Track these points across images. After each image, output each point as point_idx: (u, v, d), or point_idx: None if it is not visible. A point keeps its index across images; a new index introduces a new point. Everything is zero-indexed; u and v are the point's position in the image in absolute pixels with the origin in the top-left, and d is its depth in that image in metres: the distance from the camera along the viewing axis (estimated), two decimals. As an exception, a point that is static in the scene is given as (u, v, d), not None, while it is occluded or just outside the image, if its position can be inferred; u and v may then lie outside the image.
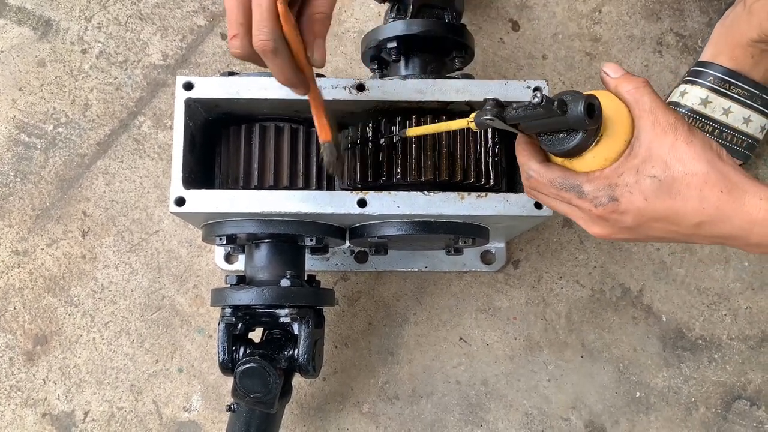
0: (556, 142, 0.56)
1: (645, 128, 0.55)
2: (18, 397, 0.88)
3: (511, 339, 0.91)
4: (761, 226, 0.52)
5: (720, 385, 0.91)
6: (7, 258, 0.91)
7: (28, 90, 0.96)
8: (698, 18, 1.01)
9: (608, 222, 0.56)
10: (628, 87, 0.56)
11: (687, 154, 0.53)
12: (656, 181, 0.53)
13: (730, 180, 0.53)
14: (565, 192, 0.57)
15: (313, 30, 0.57)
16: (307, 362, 0.73)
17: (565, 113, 0.53)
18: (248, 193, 0.68)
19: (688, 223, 0.54)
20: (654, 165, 0.54)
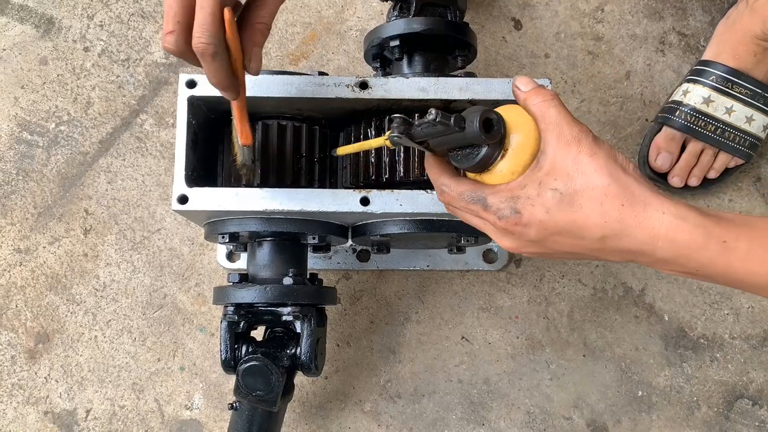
0: (463, 158, 0.57)
1: (550, 141, 0.55)
2: (20, 395, 0.88)
3: (513, 338, 0.91)
4: (664, 241, 0.52)
5: (722, 384, 0.91)
6: (9, 256, 0.91)
7: (30, 88, 0.96)
8: (701, 17, 1.01)
9: (514, 235, 0.56)
10: (535, 100, 0.57)
11: (589, 166, 0.53)
12: (557, 193, 0.53)
13: (632, 193, 0.52)
14: (473, 204, 0.57)
15: (253, 39, 0.57)
16: (310, 361, 0.73)
17: (463, 129, 0.54)
18: (251, 191, 0.68)
19: (591, 237, 0.53)
20: (557, 177, 0.53)
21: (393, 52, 0.78)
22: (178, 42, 0.55)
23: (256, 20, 0.57)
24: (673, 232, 0.51)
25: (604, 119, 0.97)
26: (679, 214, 0.51)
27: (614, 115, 0.97)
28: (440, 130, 0.55)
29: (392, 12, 0.82)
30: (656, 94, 0.98)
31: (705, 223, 0.51)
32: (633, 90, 0.98)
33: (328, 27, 0.99)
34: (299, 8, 0.99)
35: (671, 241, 0.51)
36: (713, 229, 0.51)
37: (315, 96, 0.70)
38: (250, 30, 0.57)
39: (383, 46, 0.79)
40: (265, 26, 0.57)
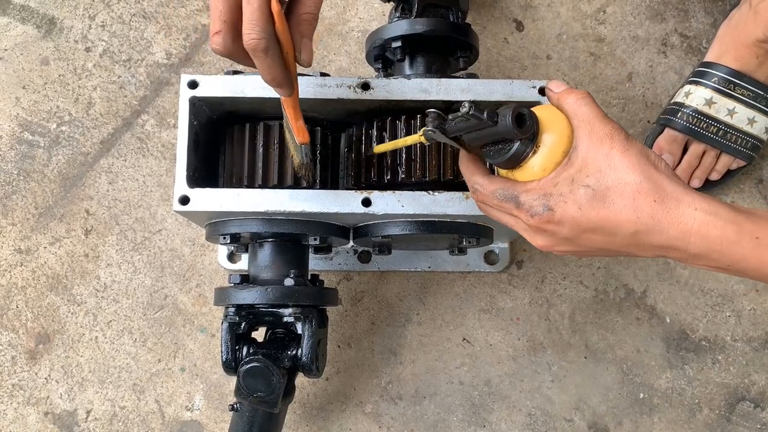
0: (496, 154, 0.58)
1: (582, 138, 0.55)
2: (20, 395, 0.88)
3: (514, 339, 0.91)
4: (697, 236, 0.52)
5: (724, 386, 0.91)
6: (10, 256, 0.91)
7: (32, 88, 0.95)
8: (703, 19, 1.01)
9: (546, 232, 0.56)
10: (569, 99, 0.57)
11: (621, 163, 0.53)
12: (590, 190, 0.53)
13: (664, 189, 0.53)
14: (505, 202, 0.58)
15: (301, 30, 0.57)
16: (311, 362, 0.73)
17: (496, 123, 0.54)
18: (252, 192, 0.68)
19: (624, 233, 0.54)
20: (589, 174, 0.54)
21: (395, 53, 0.78)
22: (226, 41, 0.54)
23: (303, 11, 0.56)
24: (705, 228, 0.51)
25: (605, 121, 0.97)
26: (711, 210, 0.52)
27: (616, 116, 0.97)
28: (473, 125, 0.55)
29: (394, 13, 0.81)
30: (658, 95, 0.98)
31: (737, 219, 0.52)
32: (635, 91, 0.98)
33: (329, 28, 0.98)
34: (301, 9, 0.99)
35: (704, 236, 0.52)
36: (745, 224, 0.52)
37: (317, 97, 0.70)
38: (298, 21, 0.56)
39: (385, 47, 0.79)
40: (312, 16, 0.57)
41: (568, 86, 0.59)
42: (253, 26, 0.53)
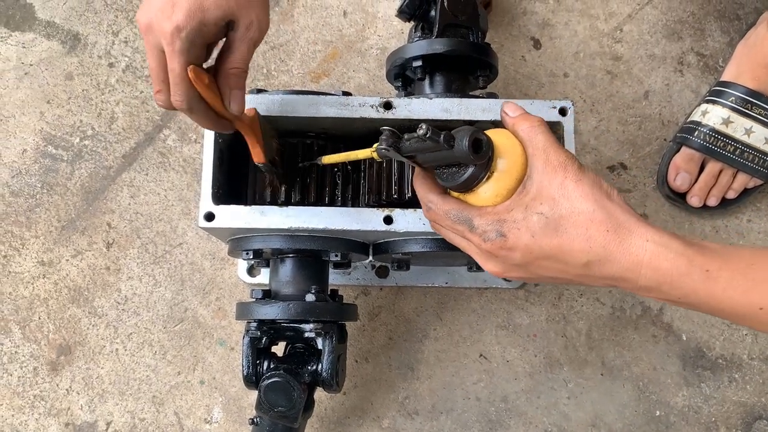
0: (450, 176, 0.58)
1: (537, 166, 0.56)
2: (41, 406, 0.89)
3: (531, 356, 0.91)
4: (648, 268, 0.52)
5: (740, 405, 0.91)
6: (33, 268, 0.92)
7: (56, 103, 0.97)
8: (719, 38, 1.01)
9: (498, 258, 0.57)
10: (523, 126, 0.58)
11: (575, 192, 0.54)
12: (543, 218, 0.54)
13: (616, 219, 0.53)
14: (458, 224, 0.58)
15: (228, 83, 0.60)
16: (331, 377, 0.73)
17: (452, 147, 0.54)
18: (277, 210, 0.69)
19: (576, 263, 0.54)
20: (543, 202, 0.54)
21: (415, 72, 0.79)
22: (165, 99, 0.60)
23: (230, 66, 0.59)
24: (656, 260, 0.52)
25: (622, 138, 0.98)
26: (663, 242, 0.52)
27: (633, 134, 0.98)
28: (429, 146, 0.55)
29: (414, 32, 0.82)
30: (675, 114, 0.99)
31: (688, 252, 0.52)
32: (651, 110, 0.99)
33: (349, 45, 1.00)
34: (321, 26, 1.00)
35: (654, 268, 0.52)
36: (696, 257, 0.52)
37: (339, 116, 0.71)
38: (225, 75, 0.60)
39: (405, 66, 0.80)
40: (239, 70, 0.60)
41: (524, 111, 0.60)
42: (175, 91, 0.58)
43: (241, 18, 0.57)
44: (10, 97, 0.97)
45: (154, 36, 0.56)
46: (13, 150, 0.95)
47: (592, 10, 1.02)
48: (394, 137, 0.58)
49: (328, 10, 1.01)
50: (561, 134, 0.72)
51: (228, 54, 0.59)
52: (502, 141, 0.58)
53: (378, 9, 1.01)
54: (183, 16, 0.55)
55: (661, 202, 0.96)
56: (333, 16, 1.01)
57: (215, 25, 0.56)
